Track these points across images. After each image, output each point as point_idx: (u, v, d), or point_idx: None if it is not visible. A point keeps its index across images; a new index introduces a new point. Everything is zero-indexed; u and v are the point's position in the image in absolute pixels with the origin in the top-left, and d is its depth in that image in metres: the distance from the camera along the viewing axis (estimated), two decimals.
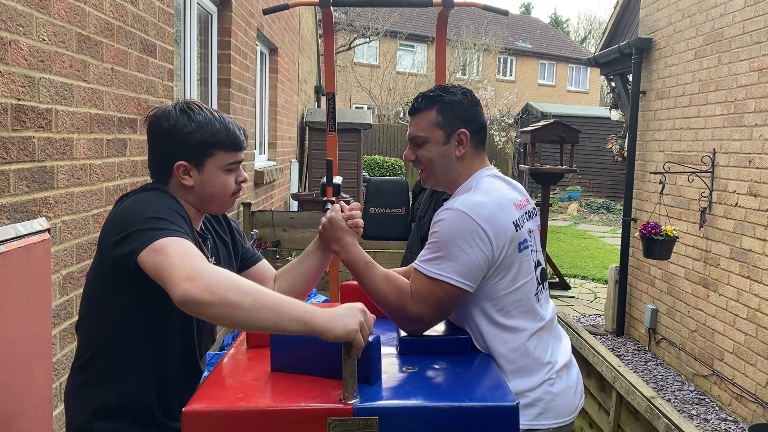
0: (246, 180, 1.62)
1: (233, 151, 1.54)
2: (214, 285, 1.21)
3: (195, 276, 1.22)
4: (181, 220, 1.41)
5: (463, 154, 1.74)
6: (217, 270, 1.26)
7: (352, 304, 1.30)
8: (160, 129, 1.51)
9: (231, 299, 1.21)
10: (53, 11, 2.03)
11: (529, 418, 1.62)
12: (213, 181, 1.53)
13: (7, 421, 1.71)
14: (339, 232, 1.70)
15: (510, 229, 1.62)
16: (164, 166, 1.52)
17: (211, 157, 1.51)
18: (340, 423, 1.25)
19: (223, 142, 1.52)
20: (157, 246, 1.29)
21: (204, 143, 1.50)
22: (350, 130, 9.10)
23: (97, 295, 1.49)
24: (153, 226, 1.33)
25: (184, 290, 1.20)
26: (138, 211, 1.39)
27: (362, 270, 1.66)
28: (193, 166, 1.51)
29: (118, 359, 1.47)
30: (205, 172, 1.52)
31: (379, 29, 19.68)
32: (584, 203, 15.65)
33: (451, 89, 1.78)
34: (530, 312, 1.68)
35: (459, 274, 1.58)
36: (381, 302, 1.65)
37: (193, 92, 4.17)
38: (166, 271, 1.25)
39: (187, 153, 1.50)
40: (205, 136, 1.49)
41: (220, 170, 1.53)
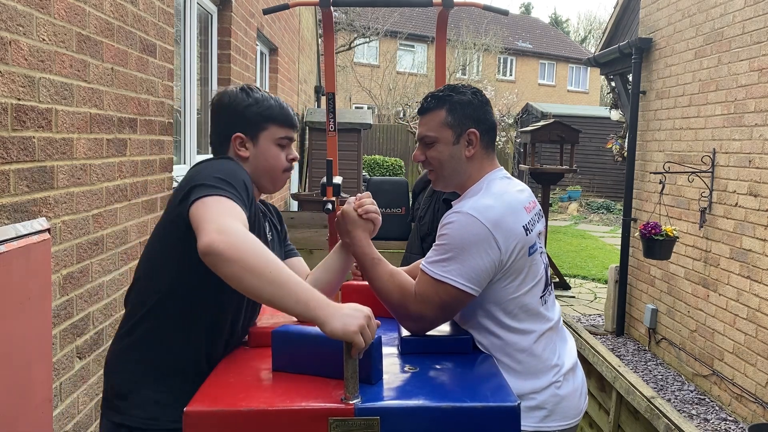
0: (297, 158, 1.70)
1: (285, 127, 1.66)
2: (239, 245, 1.24)
3: (225, 231, 1.25)
4: (244, 190, 1.46)
5: (473, 155, 1.73)
6: (248, 234, 1.29)
7: (359, 306, 1.29)
8: (221, 104, 1.65)
9: (249, 262, 1.23)
10: (53, 11, 2.03)
11: (535, 421, 1.62)
12: (266, 154, 1.63)
13: (7, 421, 1.71)
14: (350, 225, 1.71)
15: (520, 234, 1.61)
16: (223, 137, 1.64)
17: (264, 130, 1.63)
18: (342, 423, 1.25)
19: (276, 117, 1.64)
20: (207, 200, 1.35)
21: (259, 116, 1.62)
22: (350, 130, 9.09)
23: (160, 249, 1.53)
24: (214, 184, 1.39)
25: (210, 240, 1.24)
26: (208, 169, 1.46)
27: (369, 265, 1.67)
28: (248, 139, 1.63)
29: (166, 322, 1.51)
30: (260, 145, 1.63)
31: (379, 29, 19.68)
32: (584, 203, 15.65)
33: (461, 89, 1.77)
34: (537, 315, 1.68)
35: (464, 277, 1.57)
36: (384, 299, 1.65)
37: (193, 92, 4.17)
38: (202, 220, 1.30)
39: (243, 125, 1.62)
40: (260, 110, 1.63)
41: (273, 144, 1.64)
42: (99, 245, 2.42)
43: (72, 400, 2.24)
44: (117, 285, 2.60)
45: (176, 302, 1.50)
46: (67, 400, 2.21)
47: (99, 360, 2.45)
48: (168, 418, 1.47)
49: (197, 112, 4.33)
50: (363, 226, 1.71)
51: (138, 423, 1.48)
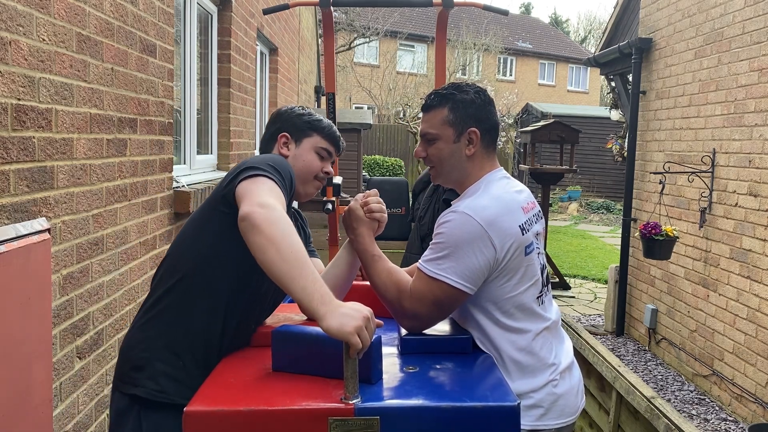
0: (331, 174, 1.83)
1: (329, 141, 1.79)
2: (275, 221, 1.33)
3: (267, 206, 1.35)
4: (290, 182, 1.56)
5: (473, 153, 1.74)
6: (286, 216, 1.37)
7: (360, 306, 1.29)
8: (279, 111, 1.84)
9: (277, 238, 1.31)
10: (53, 11, 2.03)
11: (532, 419, 1.63)
12: (304, 156, 1.76)
13: (7, 421, 1.71)
14: (355, 221, 1.75)
15: (516, 234, 1.62)
16: (272, 136, 1.79)
17: (309, 137, 1.78)
18: (342, 423, 1.25)
19: (323, 129, 1.79)
20: (257, 179, 1.46)
21: (307, 124, 1.78)
22: (350, 130, 9.09)
23: (195, 229, 1.63)
24: (265, 168, 1.49)
25: (251, 210, 1.34)
26: (261, 157, 1.57)
27: (368, 261, 1.70)
28: (292, 140, 1.77)
29: (186, 299, 1.57)
30: (301, 147, 1.77)
31: (379, 29, 19.68)
32: (584, 203, 15.64)
33: (464, 88, 1.78)
34: (533, 314, 1.68)
35: (459, 275, 1.58)
36: (382, 295, 1.67)
37: (193, 92, 4.17)
38: (250, 193, 1.40)
39: (291, 128, 1.78)
40: (311, 120, 1.79)
41: (313, 150, 1.77)
42: (99, 245, 2.42)
43: (72, 400, 2.24)
44: (117, 285, 2.60)
45: (197, 280, 1.57)
46: (67, 400, 2.21)
47: (99, 360, 2.45)
48: (176, 394, 1.52)
49: (197, 112, 4.33)
50: (367, 224, 1.74)
51: (147, 394, 1.53)
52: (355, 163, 9.30)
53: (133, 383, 1.55)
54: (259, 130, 6.51)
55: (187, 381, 1.52)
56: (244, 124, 5.27)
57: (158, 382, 1.54)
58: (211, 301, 1.57)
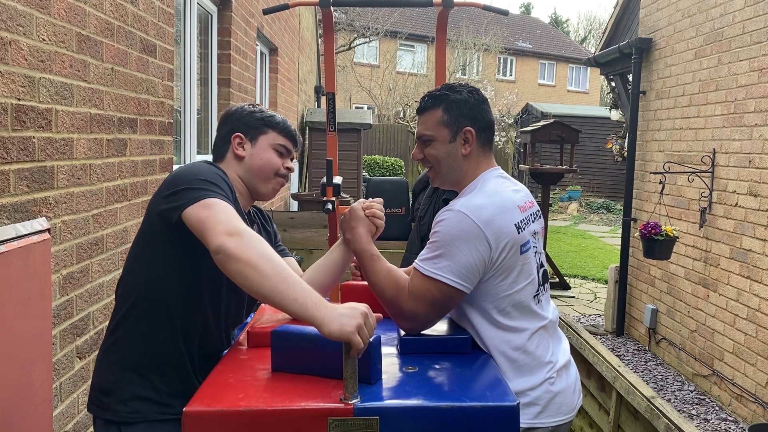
0: (293, 170, 1.76)
1: (285, 137, 1.74)
2: (248, 246, 1.32)
3: (235, 233, 1.33)
4: (228, 190, 1.53)
5: (469, 153, 1.75)
6: (255, 234, 1.36)
7: (356, 305, 1.30)
8: (228, 112, 1.76)
9: (256, 262, 1.30)
10: (53, 11, 2.03)
11: (529, 417, 1.63)
12: (262, 155, 1.70)
13: (8, 421, 1.71)
14: (355, 221, 1.75)
15: (511, 232, 1.62)
16: (224, 139, 1.72)
17: (264, 134, 1.71)
18: (341, 423, 1.25)
19: (278, 125, 1.73)
20: (205, 203, 1.41)
21: (260, 121, 1.72)
22: (350, 130, 9.10)
23: (139, 250, 1.59)
24: (202, 186, 1.46)
25: (222, 241, 1.32)
26: (189, 173, 1.51)
27: (367, 261, 1.69)
28: (247, 140, 1.70)
29: (145, 321, 1.55)
30: (257, 146, 1.70)
31: (379, 29, 19.68)
32: (584, 203, 15.64)
33: (457, 88, 1.79)
34: (530, 313, 1.69)
35: (455, 274, 1.58)
36: (380, 295, 1.67)
37: (193, 92, 4.17)
38: (210, 223, 1.37)
39: (244, 128, 1.71)
40: (263, 116, 1.73)
41: (271, 147, 1.71)
42: (99, 245, 2.42)
43: (72, 400, 2.24)
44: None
45: (154, 301, 1.55)
46: (67, 400, 2.21)
47: None
48: (151, 411, 1.53)
49: (197, 112, 4.33)
50: (367, 225, 1.74)
51: (122, 418, 1.54)
52: (355, 163, 9.30)
53: (104, 407, 1.56)
54: None
55: (157, 398, 1.54)
56: None
57: (128, 404, 1.54)
58: (166, 325, 1.56)
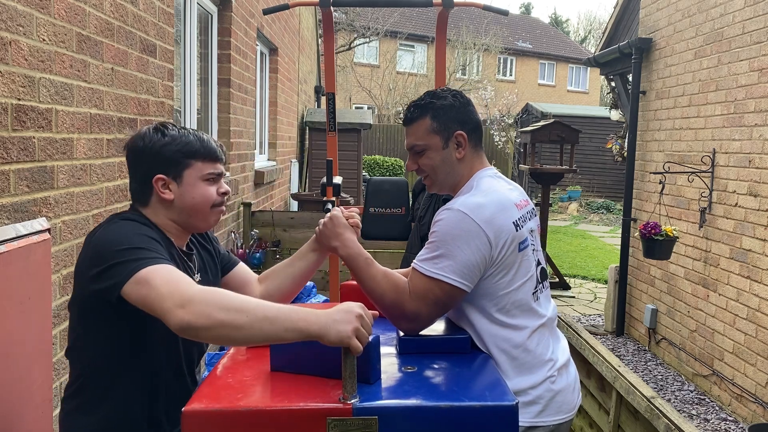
0: (228, 192, 1.59)
1: (210, 161, 1.54)
2: (208, 309, 1.22)
3: (186, 302, 1.23)
4: (157, 245, 1.40)
5: (463, 156, 1.76)
6: (207, 291, 1.27)
7: (349, 305, 1.29)
8: (136, 149, 1.52)
9: (225, 320, 1.22)
10: (53, 11, 2.03)
11: (530, 416, 1.63)
12: (192, 192, 1.52)
13: (7, 421, 1.71)
14: (340, 227, 1.73)
15: (510, 230, 1.63)
16: (144, 184, 1.52)
17: (188, 167, 1.51)
18: (340, 423, 1.25)
19: (198, 152, 1.52)
20: (140, 278, 1.29)
21: (179, 153, 1.50)
22: (350, 130, 9.10)
23: (81, 327, 1.48)
24: (130, 257, 1.33)
25: (179, 318, 1.22)
26: (111, 243, 1.37)
27: (361, 266, 1.67)
28: (171, 179, 1.51)
29: (106, 386, 1.48)
30: (184, 184, 1.51)
31: (379, 29, 19.68)
32: (584, 203, 15.64)
33: (440, 94, 1.79)
34: (529, 310, 1.69)
35: (456, 273, 1.59)
36: (378, 299, 1.65)
37: (193, 92, 4.17)
38: (156, 302, 1.26)
39: (164, 166, 1.50)
40: (179, 146, 1.50)
41: (200, 180, 1.53)
42: None
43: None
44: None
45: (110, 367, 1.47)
46: None
47: None
48: None
49: (197, 112, 4.33)
50: (351, 229, 1.74)
51: None
52: (355, 163, 9.30)
53: None
54: (258, 131, 6.51)
55: None
56: (244, 124, 5.27)
57: None
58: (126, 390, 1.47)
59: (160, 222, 1.53)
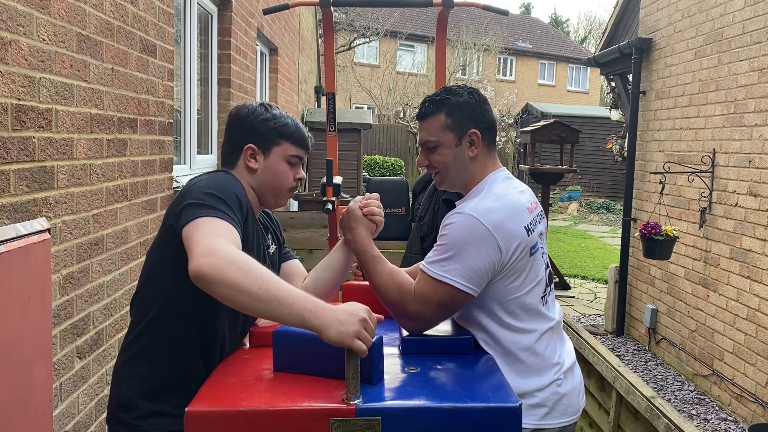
0: (303, 178, 1.70)
1: (298, 146, 1.66)
2: (224, 265, 1.25)
3: (211, 253, 1.26)
4: (237, 206, 1.47)
5: (476, 155, 1.73)
6: (234, 253, 1.29)
7: (354, 308, 1.28)
8: (239, 116, 1.66)
9: (237, 282, 1.24)
10: (53, 11, 2.02)
11: (536, 418, 1.63)
12: (275, 169, 1.64)
13: (7, 421, 1.71)
14: (353, 222, 1.72)
15: (521, 234, 1.62)
16: (235, 148, 1.64)
17: (277, 145, 1.64)
18: (343, 423, 1.25)
19: (292, 135, 1.65)
20: (198, 222, 1.36)
21: (274, 131, 1.64)
22: (350, 130, 9.10)
23: (154, 264, 1.56)
24: (205, 202, 1.41)
25: (198, 265, 1.25)
26: (200, 186, 1.47)
27: (369, 262, 1.67)
28: (260, 151, 1.63)
29: (163, 338, 1.52)
30: (270, 159, 1.63)
31: (379, 29, 19.67)
32: (584, 203, 15.65)
33: (457, 90, 1.77)
34: (538, 314, 1.69)
35: (463, 277, 1.57)
36: (383, 296, 1.66)
37: (193, 92, 4.17)
38: (191, 244, 1.32)
39: (257, 137, 1.63)
40: (277, 125, 1.64)
41: (283, 160, 1.64)
42: (99, 245, 2.42)
43: (72, 400, 2.24)
44: (117, 285, 2.60)
45: (171, 317, 1.52)
46: (67, 400, 2.20)
47: (99, 360, 2.45)
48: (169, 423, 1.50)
49: (197, 112, 4.33)
50: (366, 225, 1.72)
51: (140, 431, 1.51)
52: (355, 163, 9.30)
53: (124, 423, 1.52)
54: None
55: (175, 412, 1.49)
56: None
57: (148, 420, 1.51)
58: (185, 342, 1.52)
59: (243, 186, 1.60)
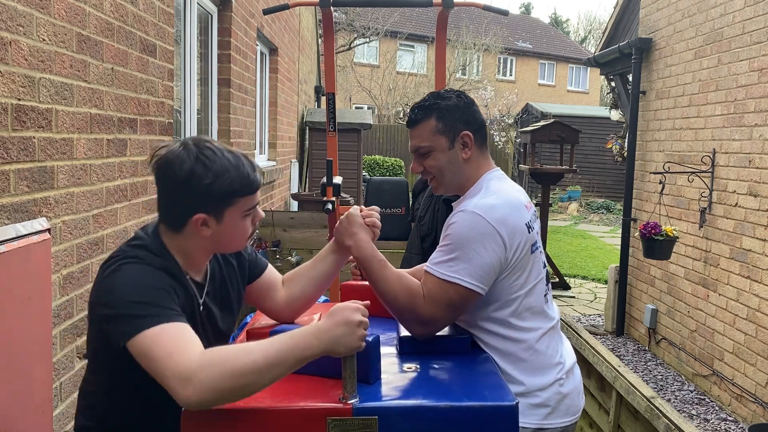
0: (263, 217, 1.55)
1: (252, 194, 1.47)
2: (212, 382, 1.19)
3: (189, 378, 1.19)
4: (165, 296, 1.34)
5: (469, 156, 1.74)
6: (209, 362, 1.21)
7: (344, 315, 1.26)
8: (175, 178, 1.41)
9: (234, 386, 1.20)
10: (53, 11, 2.03)
11: (538, 418, 1.63)
12: (231, 229, 1.46)
13: (7, 421, 1.71)
14: (355, 227, 1.67)
15: (523, 231, 1.63)
16: (181, 217, 1.44)
17: (230, 206, 1.44)
18: (340, 423, 1.25)
19: (243, 189, 1.44)
20: (144, 340, 1.25)
21: (225, 192, 1.42)
22: (350, 130, 9.09)
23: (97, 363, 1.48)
24: (137, 312, 1.28)
25: (186, 398, 1.19)
26: (123, 288, 1.32)
27: (375, 268, 1.64)
28: (212, 217, 1.43)
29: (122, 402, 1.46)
30: (225, 222, 1.45)
31: (379, 29, 19.67)
32: (584, 203, 15.64)
33: (445, 94, 1.78)
34: (540, 313, 1.69)
35: (472, 276, 1.57)
36: (391, 302, 1.63)
37: (193, 92, 4.17)
38: (160, 377, 1.23)
39: (205, 205, 1.42)
40: (223, 185, 1.41)
41: (239, 217, 1.46)
42: (99, 245, 2.43)
43: (72, 400, 2.25)
44: None
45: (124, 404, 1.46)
46: (67, 400, 2.21)
47: None
48: None
49: (197, 112, 4.33)
50: (367, 230, 1.68)
51: None
52: (355, 163, 9.30)
53: None
54: (259, 131, 6.51)
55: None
56: (244, 124, 5.27)
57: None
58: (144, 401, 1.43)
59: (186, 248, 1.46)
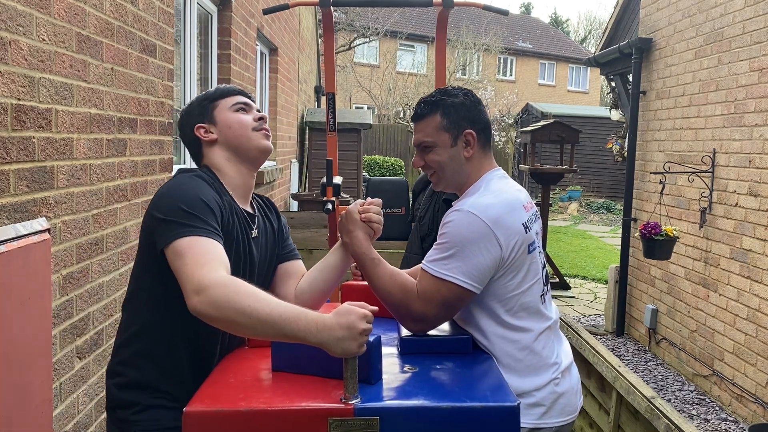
0: (265, 118, 1.72)
1: (232, 95, 1.70)
2: (219, 302, 1.29)
3: (203, 289, 1.30)
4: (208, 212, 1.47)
5: (471, 155, 1.75)
6: (223, 284, 1.31)
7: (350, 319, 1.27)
8: (180, 121, 1.73)
9: (232, 317, 1.29)
10: (53, 11, 2.03)
11: (533, 417, 1.63)
12: (228, 122, 1.66)
13: (7, 421, 1.71)
14: (351, 224, 1.69)
15: (520, 231, 1.63)
16: (191, 140, 1.69)
17: (215, 108, 1.67)
18: (341, 423, 1.25)
19: (221, 93, 1.70)
20: (178, 247, 1.39)
21: (205, 101, 1.70)
22: (350, 130, 9.09)
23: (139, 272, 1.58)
24: (181, 220, 1.42)
25: (193, 304, 1.31)
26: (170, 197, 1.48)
27: (369, 266, 1.67)
28: (208, 123, 1.66)
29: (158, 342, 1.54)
30: (218, 121, 1.66)
31: (379, 29, 19.67)
32: (584, 203, 15.64)
33: (452, 91, 1.78)
34: (537, 313, 1.69)
35: (466, 274, 1.58)
36: (385, 299, 1.65)
37: (193, 92, 4.17)
38: (181, 279, 1.36)
39: (198, 117, 1.68)
40: (203, 97, 1.71)
41: (230, 111, 1.67)
42: (99, 245, 2.42)
43: (72, 400, 2.24)
44: (117, 285, 2.60)
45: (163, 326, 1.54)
46: (67, 400, 2.21)
47: (99, 360, 2.45)
48: (168, 418, 1.50)
49: None
50: (364, 228, 1.70)
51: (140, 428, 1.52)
52: (355, 163, 9.30)
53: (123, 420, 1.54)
54: None
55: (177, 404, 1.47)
56: None
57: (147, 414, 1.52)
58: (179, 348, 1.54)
59: (219, 164, 1.63)
